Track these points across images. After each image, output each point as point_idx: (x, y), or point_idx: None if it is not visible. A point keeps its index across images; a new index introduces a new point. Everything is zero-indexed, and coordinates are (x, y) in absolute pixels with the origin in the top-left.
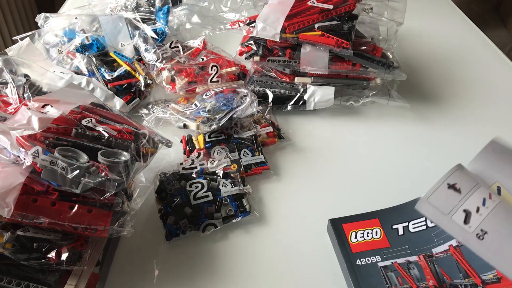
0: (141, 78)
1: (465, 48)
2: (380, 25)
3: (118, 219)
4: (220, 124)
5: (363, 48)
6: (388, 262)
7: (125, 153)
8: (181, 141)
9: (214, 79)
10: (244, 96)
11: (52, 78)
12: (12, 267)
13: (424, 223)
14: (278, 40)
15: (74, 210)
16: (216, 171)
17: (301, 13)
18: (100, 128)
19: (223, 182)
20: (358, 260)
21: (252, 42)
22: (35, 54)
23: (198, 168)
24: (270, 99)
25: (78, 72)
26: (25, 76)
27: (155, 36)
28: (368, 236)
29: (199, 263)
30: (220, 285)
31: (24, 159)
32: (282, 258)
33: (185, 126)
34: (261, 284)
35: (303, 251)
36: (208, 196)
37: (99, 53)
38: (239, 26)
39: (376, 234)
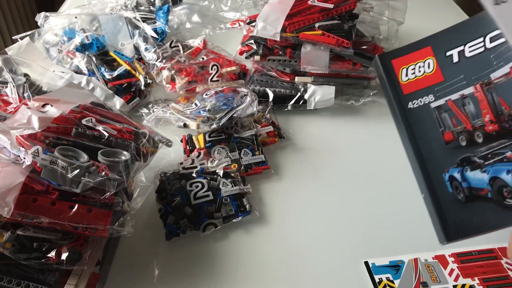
0: (141, 78)
1: None
2: (380, 24)
3: (118, 219)
4: (221, 124)
5: (364, 47)
6: (441, 101)
7: (125, 152)
8: (181, 141)
9: (214, 79)
10: (245, 95)
11: (52, 77)
12: (12, 266)
13: (482, 43)
14: (278, 39)
15: (74, 210)
16: (217, 171)
17: (302, 12)
18: (100, 128)
19: (224, 182)
20: (410, 103)
21: (252, 41)
22: (35, 54)
23: (198, 168)
24: (271, 98)
25: (78, 71)
26: (25, 75)
27: (155, 35)
28: (420, 71)
29: (199, 263)
30: (220, 285)
31: (24, 158)
32: (282, 258)
33: (185, 125)
34: (261, 284)
35: (303, 251)
36: (208, 195)
37: (99, 53)
38: (240, 25)
39: (429, 67)
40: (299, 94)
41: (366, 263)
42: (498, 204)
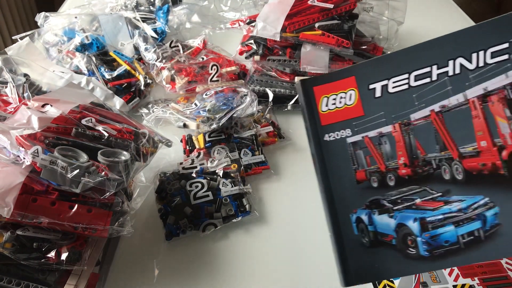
0: (141, 78)
1: None
2: (380, 25)
3: (118, 219)
4: (220, 124)
5: (364, 47)
6: (358, 137)
7: (125, 152)
8: (181, 141)
9: (214, 79)
10: (244, 95)
11: (51, 77)
12: (12, 266)
13: (406, 80)
14: (278, 39)
15: (73, 210)
16: (216, 171)
17: (302, 12)
18: (100, 128)
19: (223, 182)
20: (327, 135)
21: (252, 41)
22: (35, 54)
23: (198, 168)
24: (270, 98)
25: (77, 71)
26: (25, 75)
27: (155, 35)
28: (340, 102)
29: (199, 263)
30: (220, 284)
31: (24, 158)
32: (282, 257)
33: (185, 125)
34: (261, 284)
35: (302, 250)
36: (208, 195)
37: (99, 53)
38: (239, 25)
39: (350, 99)
40: None
41: None
42: (401, 253)
